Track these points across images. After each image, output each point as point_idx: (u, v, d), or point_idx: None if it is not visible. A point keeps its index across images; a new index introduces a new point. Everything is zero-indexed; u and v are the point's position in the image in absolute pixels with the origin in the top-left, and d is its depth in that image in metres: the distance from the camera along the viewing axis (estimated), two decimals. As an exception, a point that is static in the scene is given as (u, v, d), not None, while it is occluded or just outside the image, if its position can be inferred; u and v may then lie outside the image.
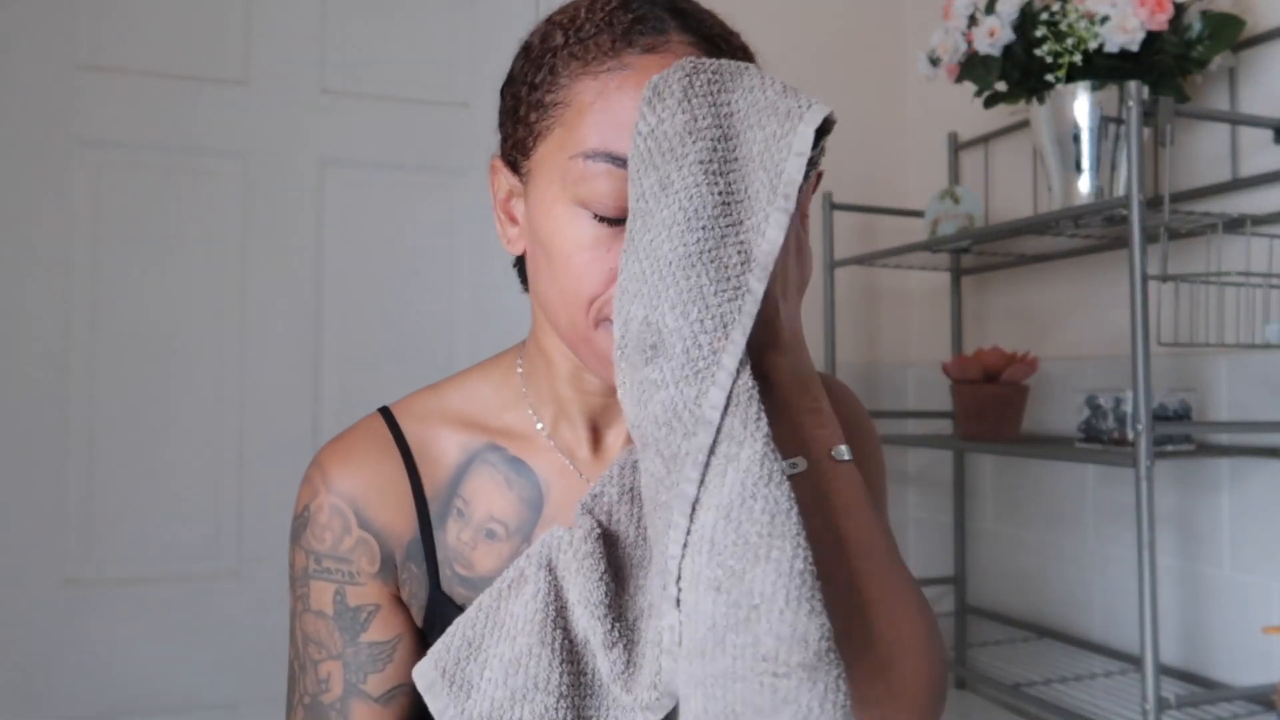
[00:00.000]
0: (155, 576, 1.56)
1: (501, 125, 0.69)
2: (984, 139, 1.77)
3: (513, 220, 0.69)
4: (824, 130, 0.58)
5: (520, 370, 0.75)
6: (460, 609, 0.68)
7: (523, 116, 0.65)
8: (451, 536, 0.70)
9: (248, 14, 1.65)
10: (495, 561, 0.69)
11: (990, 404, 1.50)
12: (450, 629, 0.65)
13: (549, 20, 0.66)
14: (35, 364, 1.52)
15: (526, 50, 0.67)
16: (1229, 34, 1.25)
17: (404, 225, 1.73)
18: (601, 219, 0.61)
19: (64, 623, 1.51)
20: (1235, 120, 1.27)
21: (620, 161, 0.59)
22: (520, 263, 0.75)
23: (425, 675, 0.64)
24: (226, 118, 1.63)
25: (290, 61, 1.67)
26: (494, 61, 1.76)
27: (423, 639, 0.71)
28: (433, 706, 0.63)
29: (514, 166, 0.67)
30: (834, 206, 1.75)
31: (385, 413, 0.74)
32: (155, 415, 1.57)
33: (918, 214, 1.78)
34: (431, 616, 0.70)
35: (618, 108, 0.60)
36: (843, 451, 0.61)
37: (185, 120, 1.60)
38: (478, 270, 1.75)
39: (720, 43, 0.65)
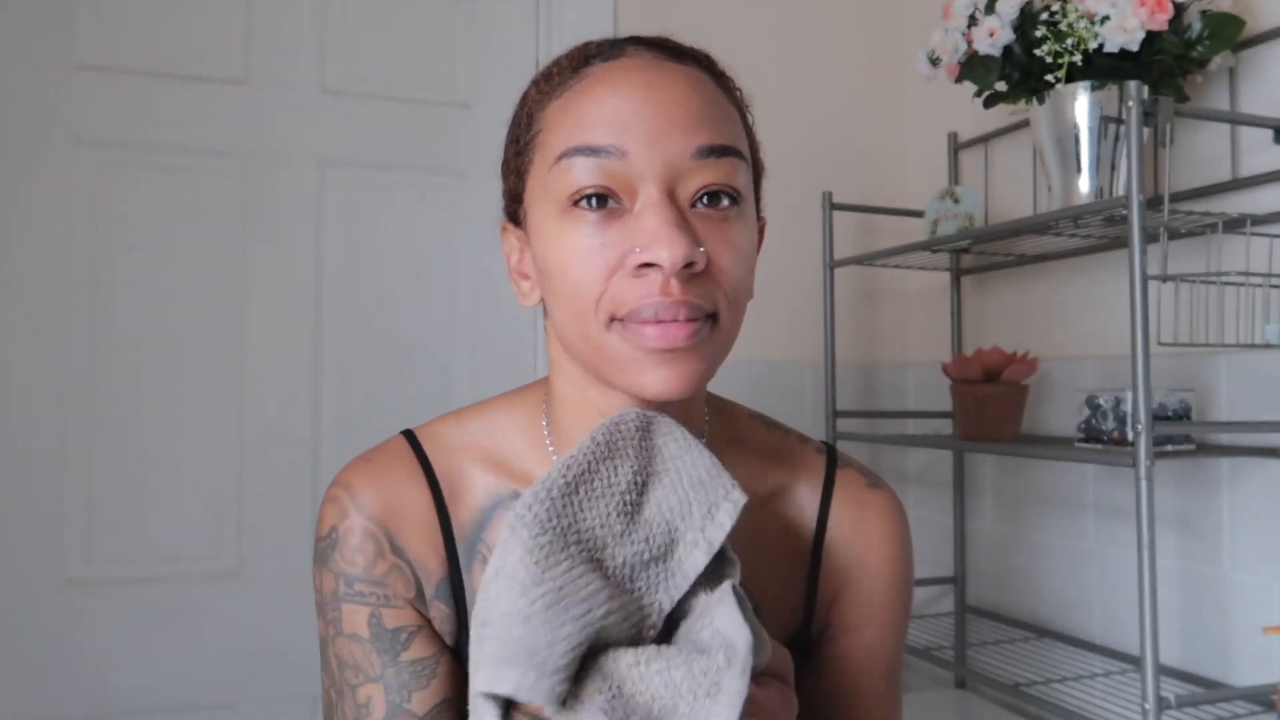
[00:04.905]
0: (155, 576, 1.56)
1: (502, 189, 0.71)
2: (984, 139, 1.77)
3: (525, 277, 0.70)
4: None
5: (545, 413, 0.72)
6: None
7: (512, 167, 0.69)
8: (479, 582, 0.66)
9: (248, 14, 1.65)
10: None
11: (990, 404, 1.50)
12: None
13: (525, 90, 0.70)
14: (35, 364, 1.52)
15: (514, 120, 0.70)
16: (1229, 34, 1.25)
17: (404, 225, 1.72)
18: (592, 208, 0.61)
19: (64, 623, 1.51)
20: (1235, 120, 1.27)
21: (585, 151, 0.61)
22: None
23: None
24: (226, 118, 1.63)
25: (290, 61, 1.67)
26: (494, 61, 1.77)
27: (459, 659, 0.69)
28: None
29: (516, 219, 0.69)
30: (834, 206, 1.75)
31: (409, 437, 0.72)
32: (155, 415, 1.57)
33: (918, 214, 1.78)
34: (464, 657, 0.68)
35: (577, 110, 0.63)
36: None
37: (185, 120, 1.60)
38: (478, 269, 1.75)
39: (685, 56, 0.67)
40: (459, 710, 0.68)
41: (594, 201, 0.61)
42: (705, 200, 0.63)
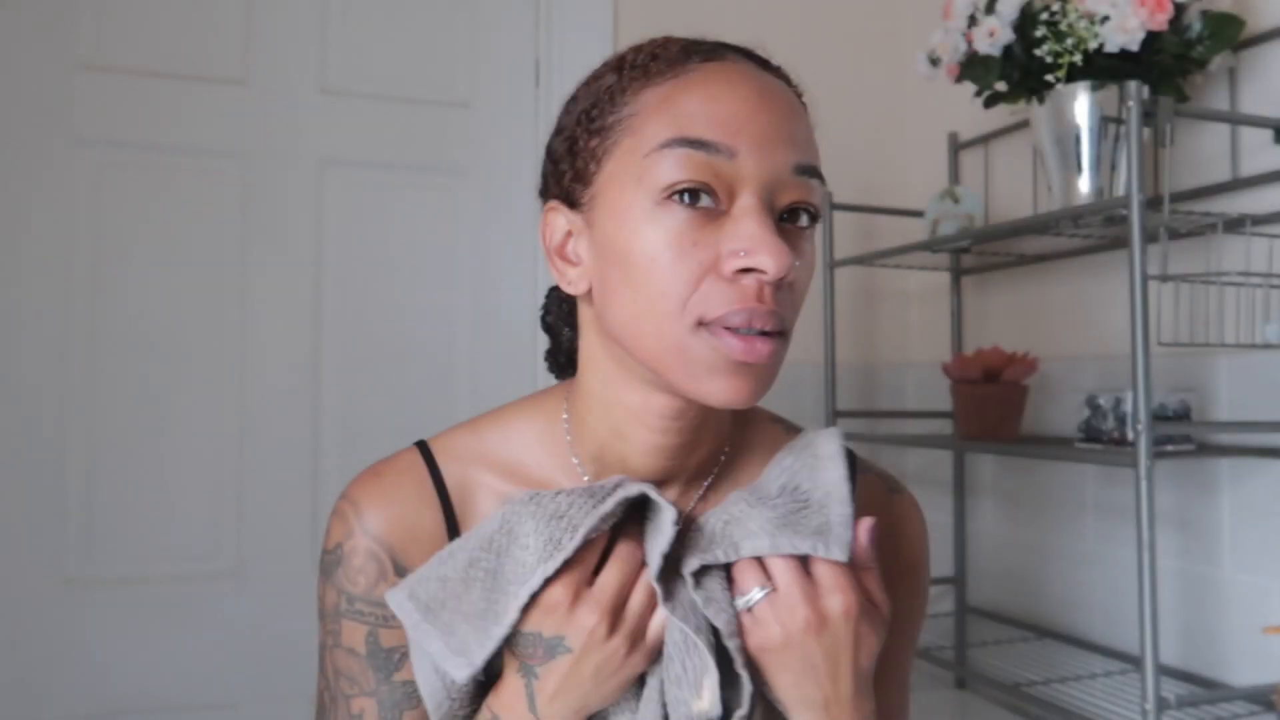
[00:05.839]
0: (155, 576, 1.56)
1: (553, 171, 0.68)
2: (984, 139, 1.77)
3: (570, 262, 0.67)
4: None
5: (566, 418, 0.71)
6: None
7: (581, 148, 0.65)
8: None
9: (248, 13, 1.65)
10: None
11: (990, 404, 1.50)
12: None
13: (592, 74, 0.68)
14: (35, 364, 1.52)
15: (573, 101, 0.68)
16: (1229, 34, 1.25)
17: (403, 225, 1.73)
18: (686, 204, 0.60)
19: (64, 623, 1.51)
20: (1235, 120, 1.27)
21: (695, 144, 0.60)
22: (547, 319, 0.78)
23: (396, 599, 0.64)
24: (226, 117, 1.63)
25: (290, 61, 1.67)
26: (494, 61, 1.77)
27: None
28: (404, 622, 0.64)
29: (572, 202, 0.66)
30: (834, 206, 1.75)
31: (423, 448, 0.71)
32: (155, 415, 1.57)
33: (918, 214, 1.78)
34: None
35: (685, 102, 0.61)
36: None
37: (185, 120, 1.60)
38: (478, 270, 1.75)
39: (772, 68, 0.67)
40: None
41: (689, 197, 0.60)
42: (788, 215, 0.63)
